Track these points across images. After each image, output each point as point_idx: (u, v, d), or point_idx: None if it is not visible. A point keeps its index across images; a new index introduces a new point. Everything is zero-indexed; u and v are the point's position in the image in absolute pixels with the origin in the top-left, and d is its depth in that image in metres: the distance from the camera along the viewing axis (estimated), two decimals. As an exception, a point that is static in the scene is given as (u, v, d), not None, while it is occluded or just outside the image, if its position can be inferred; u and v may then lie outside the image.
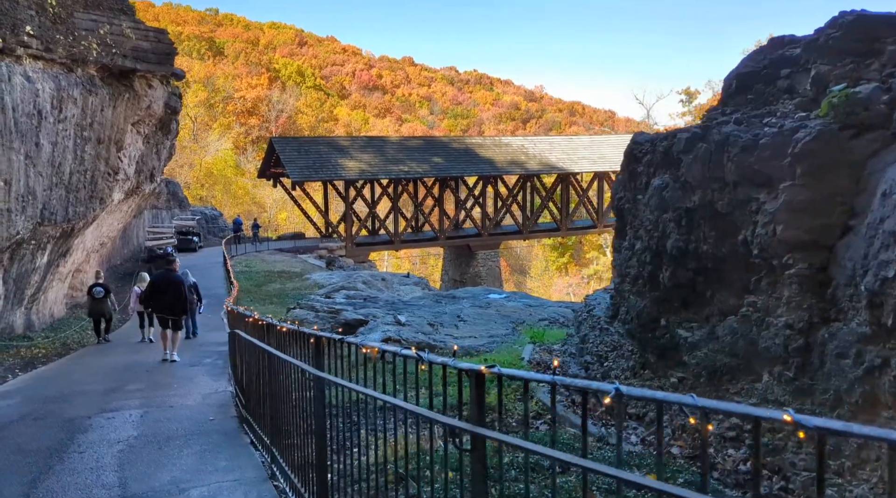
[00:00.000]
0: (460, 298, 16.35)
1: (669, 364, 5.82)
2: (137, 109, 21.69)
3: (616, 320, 7.46)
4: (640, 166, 6.57)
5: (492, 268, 43.12)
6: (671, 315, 5.84)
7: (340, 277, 28.76)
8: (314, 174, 37.47)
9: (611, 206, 8.27)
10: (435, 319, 13.01)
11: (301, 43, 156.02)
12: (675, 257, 5.59)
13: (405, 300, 16.30)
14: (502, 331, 12.38)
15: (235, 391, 8.67)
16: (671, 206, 5.62)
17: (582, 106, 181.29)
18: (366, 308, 14.58)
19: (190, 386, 10.38)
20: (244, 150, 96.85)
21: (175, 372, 12.03)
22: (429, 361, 2.53)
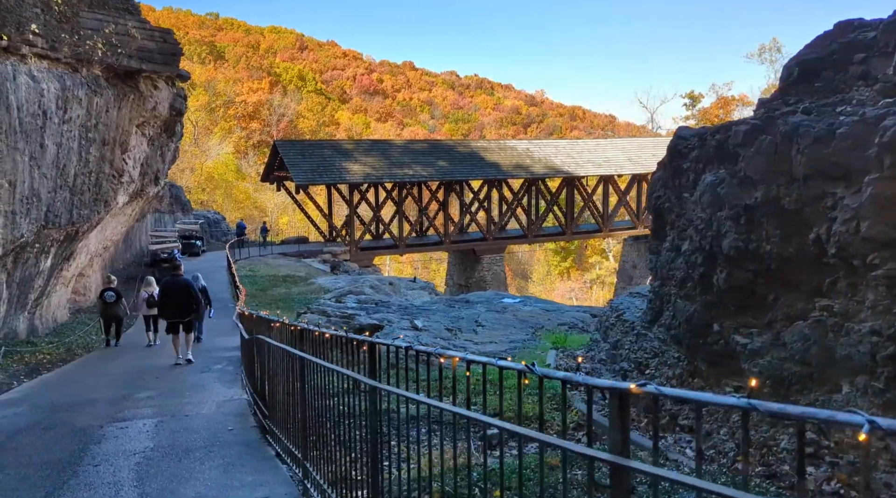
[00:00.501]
0: (474, 303, 15.99)
1: (724, 372, 5.47)
2: (142, 111, 21.37)
3: (656, 325, 7.11)
4: (685, 162, 6.23)
5: (497, 272, 42.76)
6: (726, 320, 5.49)
7: (346, 281, 28.41)
8: (318, 178, 37.13)
9: (647, 207, 7.92)
10: (452, 324, 12.65)
11: (301, 47, 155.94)
12: (732, 258, 5.25)
13: (418, 305, 15.96)
14: (522, 336, 12.02)
15: (253, 400, 8.31)
16: (728, 203, 5.28)
17: (583, 110, 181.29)
18: (379, 313, 14.23)
19: (203, 393, 10.01)
20: (245, 155, 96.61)
21: (186, 378, 11.66)
22: (542, 375, 2.18)
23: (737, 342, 5.30)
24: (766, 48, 75.66)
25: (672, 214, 6.79)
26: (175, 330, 13.42)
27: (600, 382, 1.84)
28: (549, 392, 8.21)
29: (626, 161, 45.03)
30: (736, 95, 75.22)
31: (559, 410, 7.42)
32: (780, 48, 78.14)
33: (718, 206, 5.41)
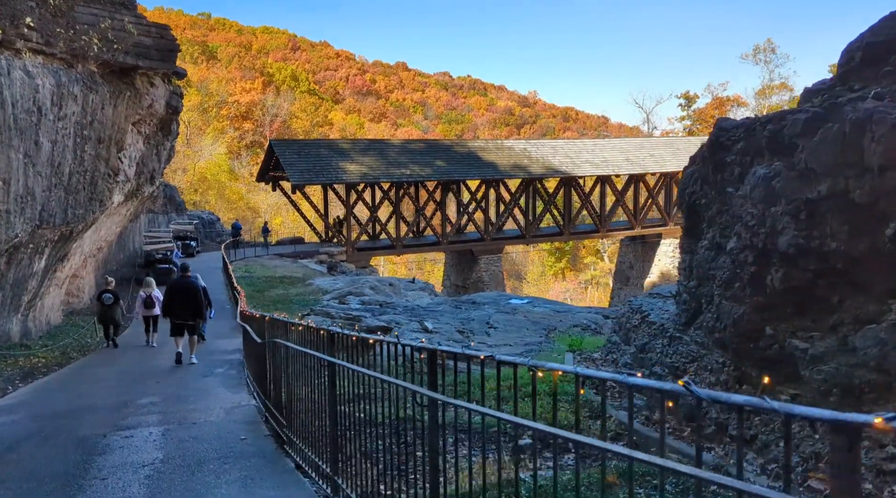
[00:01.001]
0: (481, 304, 15.64)
1: (778, 379, 5.13)
2: (139, 108, 20.91)
3: (692, 328, 6.76)
4: (728, 155, 5.89)
5: (494, 273, 42.42)
6: (780, 323, 5.15)
7: (345, 282, 27.99)
8: (315, 177, 36.70)
9: (678, 204, 7.58)
10: (463, 325, 12.29)
11: (294, 48, 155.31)
12: (789, 257, 4.91)
13: (424, 306, 15.58)
14: (536, 338, 11.67)
15: (264, 407, 7.91)
16: (785, 197, 4.94)
17: (575, 111, 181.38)
18: (386, 314, 13.85)
19: (209, 399, 9.60)
20: (238, 155, 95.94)
21: (188, 383, 11.25)
22: (702, 397, 1.80)
23: (794, 347, 4.95)
24: (761, 49, 75.78)
25: (710, 211, 6.44)
26: (180, 332, 13.38)
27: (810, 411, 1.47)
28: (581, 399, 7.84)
29: (623, 161, 44.80)
30: (731, 96, 75.17)
31: (592, 417, 7.06)
32: (775, 49, 78.28)
33: (773, 201, 5.07)
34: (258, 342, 7.93)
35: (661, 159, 46.28)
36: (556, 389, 3.01)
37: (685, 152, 48.50)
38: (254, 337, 8.30)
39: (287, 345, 5.92)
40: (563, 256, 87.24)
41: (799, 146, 4.88)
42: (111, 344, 16.58)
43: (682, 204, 7.24)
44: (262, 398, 8.27)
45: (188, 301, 13.35)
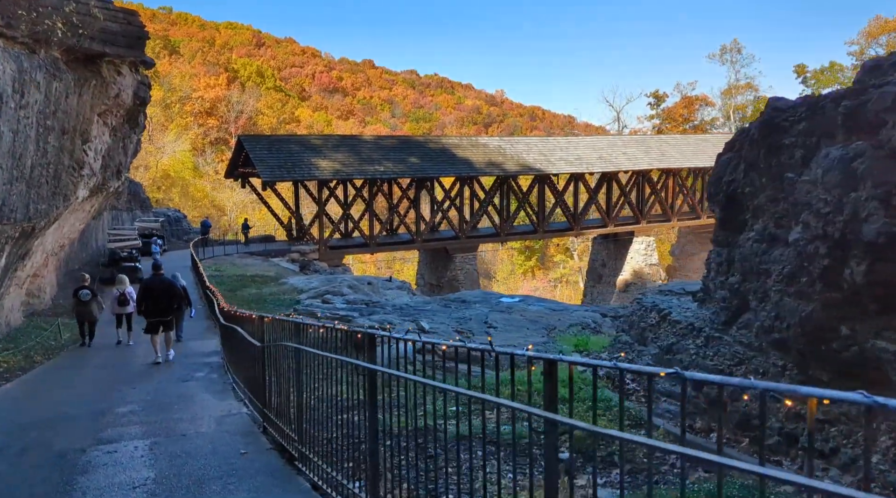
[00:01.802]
0: (471, 303, 15.05)
1: (856, 384, 4.63)
2: (105, 98, 19.84)
3: (734, 327, 6.26)
4: (787, 137, 5.38)
5: (469, 271, 41.89)
6: (860, 322, 4.65)
7: (320, 281, 27.17)
8: (286, 174, 35.72)
9: (710, 195, 7.07)
10: (460, 325, 11.69)
11: (259, 44, 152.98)
12: (876, 247, 4.41)
13: (413, 305, 14.93)
14: (538, 338, 11.12)
15: (263, 416, 7.20)
16: (870, 180, 4.44)
17: (542, 110, 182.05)
18: (375, 314, 13.18)
19: (194, 407, 8.84)
20: (202, 152, 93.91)
21: (168, 388, 10.44)
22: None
23: (881, 349, 4.46)
24: (728, 49, 76.63)
25: (757, 200, 5.94)
26: (155, 329, 13.25)
27: None
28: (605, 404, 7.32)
29: (597, 159, 44.65)
30: (699, 95, 75.86)
31: (634, 425, 6.52)
32: (741, 49, 79.25)
33: (852, 186, 4.58)
34: (256, 346, 7.20)
35: (633, 157, 46.28)
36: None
37: (656, 150, 48.70)
38: (250, 340, 7.56)
39: (304, 349, 5.23)
40: (533, 255, 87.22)
41: (888, 123, 4.39)
42: (86, 342, 16.02)
43: (718, 194, 6.73)
44: (257, 407, 7.55)
45: (163, 299, 13.30)
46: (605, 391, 7.51)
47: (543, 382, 2.76)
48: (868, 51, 66.48)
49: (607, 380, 8.39)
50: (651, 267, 48.41)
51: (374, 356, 4.09)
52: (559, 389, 2.96)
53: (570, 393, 3.13)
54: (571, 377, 3.05)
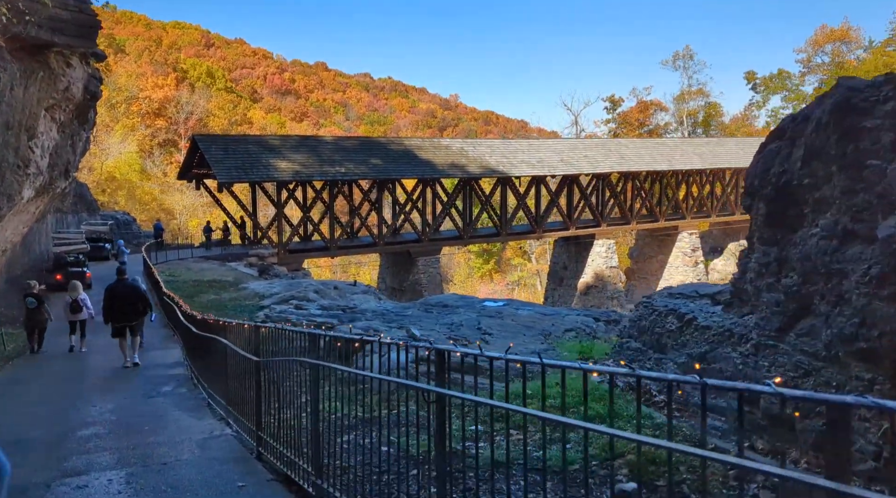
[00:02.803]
0: (454, 307, 14.33)
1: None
2: (53, 91, 18.51)
3: (792, 334, 5.68)
4: (868, 120, 4.83)
5: (433, 274, 41.16)
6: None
7: (282, 286, 26.07)
8: (243, 175, 34.43)
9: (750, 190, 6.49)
10: (452, 331, 10.95)
11: (208, 44, 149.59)
12: None
13: (395, 311, 14.10)
14: (538, 345, 10.46)
15: (257, 440, 6.32)
16: None
17: (496, 115, 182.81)
18: (357, 321, 12.33)
19: (169, 428, 7.88)
20: (150, 154, 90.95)
21: (134, 406, 9.42)
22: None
23: None
24: (680, 55, 77.85)
25: (820, 192, 5.38)
26: (122, 334, 13.16)
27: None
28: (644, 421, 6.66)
29: (558, 162, 44.48)
30: (654, 100, 76.78)
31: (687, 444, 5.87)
32: (693, 55, 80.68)
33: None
34: (250, 360, 6.31)
35: (594, 160, 46.26)
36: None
37: (616, 154, 48.83)
38: (241, 353, 6.66)
39: (332, 367, 4.42)
40: (491, 258, 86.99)
41: None
42: (34, 348, 15.32)
43: (763, 187, 6.16)
44: (247, 428, 6.67)
45: (128, 303, 13.21)
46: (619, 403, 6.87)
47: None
48: (815, 58, 68.30)
49: (628, 389, 7.76)
50: (611, 269, 48.47)
51: (444, 378, 3.34)
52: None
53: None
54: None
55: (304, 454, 4.95)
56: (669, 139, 61.31)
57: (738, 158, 53.28)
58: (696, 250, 52.97)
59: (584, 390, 2.85)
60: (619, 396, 7.68)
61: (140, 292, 13.95)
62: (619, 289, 48.46)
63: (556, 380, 8.42)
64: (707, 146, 54.87)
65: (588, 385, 3.07)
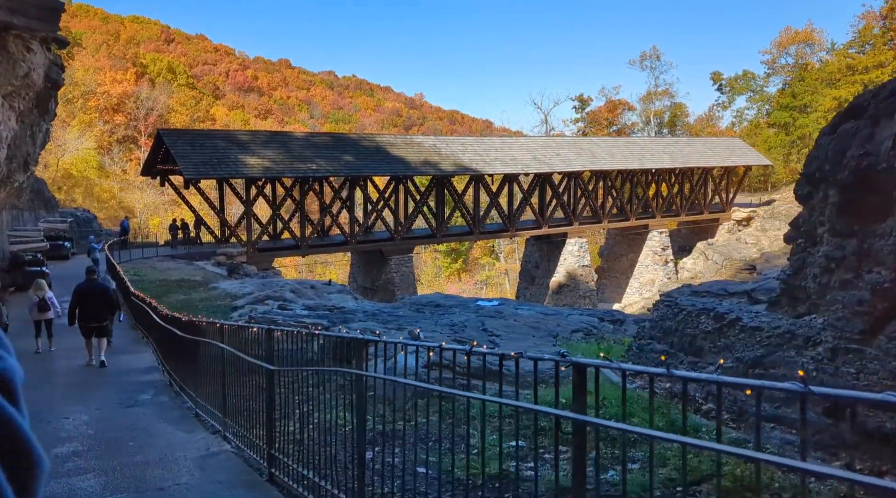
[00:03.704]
0: (448, 307, 13.64)
1: None
2: (12, 77, 17.28)
3: (882, 337, 5.12)
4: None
5: (406, 274, 40.37)
6: None
7: (255, 285, 25.08)
8: (211, 171, 33.21)
9: (820, 172, 5.93)
10: (455, 333, 10.25)
11: (168, 40, 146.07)
12: None
13: (387, 311, 13.32)
14: (549, 346, 9.82)
15: (270, 460, 5.53)
16: None
17: (461, 115, 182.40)
18: (350, 321, 11.56)
19: (157, 443, 7.02)
20: (109, 151, 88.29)
21: (113, 417, 8.52)
22: None
23: None
24: (647, 55, 78.30)
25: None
26: (90, 334, 12.89)
27: None
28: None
29: (531, 160, 44.10)
30: (622, 100, 77.09)
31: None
32: (660, 56, 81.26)
33: None
34: (264, 369, 5.52)
35: (566, 159, 46.02)
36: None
37: (587, 152, 48.64)
38: (251, 361, 5.86)
39: (405, 382, 3.70)
40: (459, 257, 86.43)
41: None
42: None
43: (839, 172, 5.60)
44: (253, 444, 5.87)
45: (97, 303, 12.91)
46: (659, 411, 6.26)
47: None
48: (779, 60, 69.24)
49: (669, 395, 7.16)
50: (584, 268, 48.30)
51: (583, 401, 2.66)
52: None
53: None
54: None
55: (334, 478, 4.19)
56: (640, 138, 61.56)
57: (706, 158, 53.66)
58: (665, 249, 53.17)
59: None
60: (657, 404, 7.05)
61: (109, 293, 13.72)
62: (591, 288, 48.32)
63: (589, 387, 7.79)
64: (676, 146, 55.13)
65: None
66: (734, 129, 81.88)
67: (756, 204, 58.27)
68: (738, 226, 55.88)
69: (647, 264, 53.39)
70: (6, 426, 0.57)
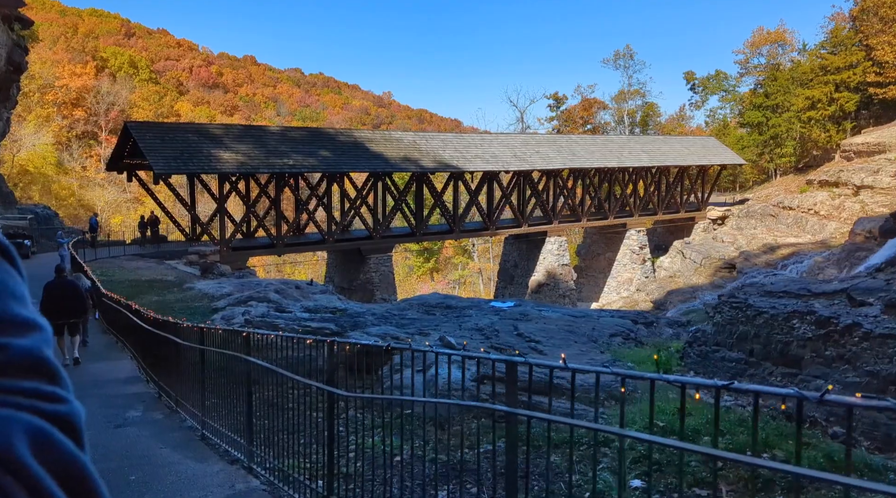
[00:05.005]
0: (463, 309, 12.55)
1: None
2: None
3: None
4: None
5: (385, 273, 39.11)
6: None
7: (234, 285, 23.68)
8: (182, 166, 31.58)
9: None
10: (488, 339, 9.15)
11: (128, 34, 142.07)
12: None
13: (397, 313, 12.15)
14: (597, 354, 8.80)
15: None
16: None
17: (429, 114, 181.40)
18: (361, 325, 10.39)
19: (166, 477, 5.78)
20: (67, 146, 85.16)
21: (103, 441, 7.22)
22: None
23: None
24: (621, 54, 78.17)
25: None
26: (61, 332, 12.81)
27: None
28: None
29: (512, 157, 43.29)
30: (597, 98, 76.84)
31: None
32: (633, 55, 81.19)
33: None
34: (326, 392, 4.35)
35: (546, 157, 45.33)
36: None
37: (567, 151, 47.95)
38: (304, 382, 4.68)
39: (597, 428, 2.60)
40: (432, 257, 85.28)
41: None
42: None
43: None
44: (302, 483, 4.70)
45: (67, 300, 12.89)
46: (770, 435, 5.27)
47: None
48: (752, 59, 69.60)
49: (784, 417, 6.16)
50: (563, 267, 47.65)
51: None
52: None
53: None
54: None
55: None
56: (619, 137, 61.19)
57: (683, 156, 53.51)
58: (643, 248, 52.89)
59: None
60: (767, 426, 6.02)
61: (79, 291, 13.63)
62: (570, 286, 47.69)
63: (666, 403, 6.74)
64: (654, 144, 54.86)
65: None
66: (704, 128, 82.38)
67: (730, 203, 58.34)
68: (713, 225, 55.85)
69: (624, 263, 53.02)
70: (78, 472, 0.57)
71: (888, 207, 44.40)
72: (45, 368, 0.64)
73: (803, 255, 43.13)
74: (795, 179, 60.56)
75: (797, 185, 57.00)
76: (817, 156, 62.53)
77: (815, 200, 48.40)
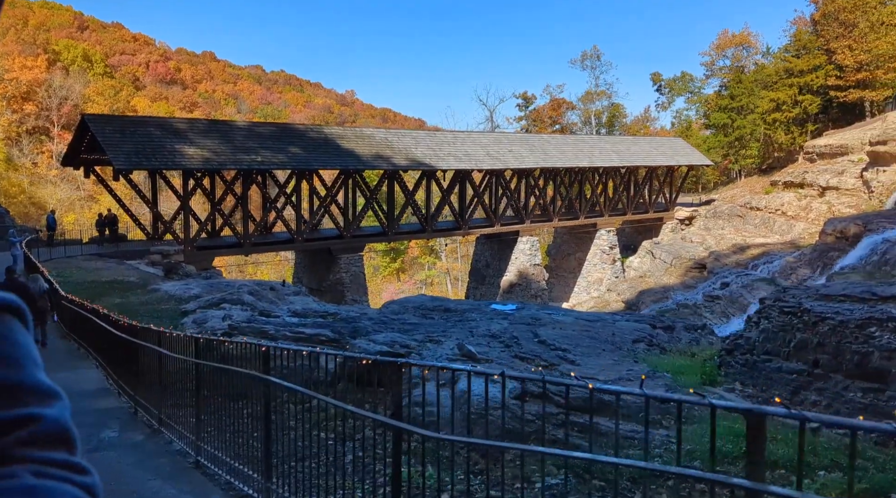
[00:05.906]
0: (464, 312, 11.70)
1: None
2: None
3: None
4: None
5: (356, 274, 38.00)
6: None
7: (202, 287, 22.42)
8: (144, 162, 30.07)
9: None
10: (508, 347, 8.30)
11: (81, 27, 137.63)
12: None
13: (396, 318, 11.20)
14: (631, 364, 8.02)
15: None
16: None
17: (393, 113, 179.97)
18: (362, 332, 9.44)
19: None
20: (17, 142, 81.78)
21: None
22: None
23: None
24: (588, 55, 78.20)
25: None
26: None
27: None
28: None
29: (484, 156, 42.62)
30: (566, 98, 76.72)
31: None
32: (600, 56, 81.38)
33: None
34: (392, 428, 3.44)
35: (519, 155, 44.77)
36: None
37: (539, 150, 47.47)
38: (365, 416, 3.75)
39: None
40: (398, 256, 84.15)
41: None
42: None
43: None
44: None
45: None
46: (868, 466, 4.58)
47: None
48: (717, 62, 70.20)
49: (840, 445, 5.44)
50: (535, 267, 47.17)
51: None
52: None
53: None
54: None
55: None
56: (589, 137, 61.05)
57: (652, 157, 53.55)
58: (613, 248, 52.75)
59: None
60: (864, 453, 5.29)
61: (30, 293, 13.03)
62: (542, 287, 47.24)
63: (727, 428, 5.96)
64: (623, 144, 54.81)
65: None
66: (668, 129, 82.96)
67: (696, 204, 58.61)
68: (680, 225, 56.00)
69: (594, 263, 52.79)
70: None
71: (854, 208, 44.99)
72: (70, 440, 0.69)
73: (774, 255, 43.32)
74: (759, 181, 61.14)
75: (762, 187, 57.50)
76: (780, 158, 63.26)
77: (781, 201, 48.78)
